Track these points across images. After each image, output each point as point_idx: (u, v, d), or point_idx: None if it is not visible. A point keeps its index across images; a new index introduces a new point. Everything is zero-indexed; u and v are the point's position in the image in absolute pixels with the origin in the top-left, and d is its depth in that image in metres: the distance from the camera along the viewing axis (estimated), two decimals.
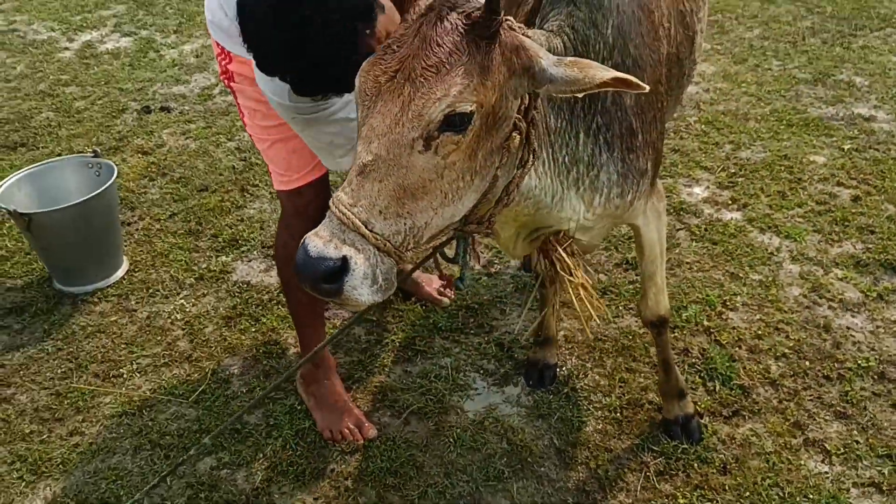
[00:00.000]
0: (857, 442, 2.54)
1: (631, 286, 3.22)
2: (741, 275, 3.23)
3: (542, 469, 2.53)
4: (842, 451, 2.51)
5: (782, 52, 4.93)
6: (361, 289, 1.43)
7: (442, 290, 3.25)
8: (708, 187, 3.78)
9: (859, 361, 2.80)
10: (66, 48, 5.64)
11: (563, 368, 2.88)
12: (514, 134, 1.58)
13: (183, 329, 3.13)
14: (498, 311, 3.17)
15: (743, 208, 3.62)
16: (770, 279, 3.20)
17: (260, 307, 3.22)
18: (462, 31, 1.44)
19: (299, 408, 2.77)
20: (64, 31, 5.90)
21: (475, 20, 1.44)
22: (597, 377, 2.84)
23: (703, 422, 2.62)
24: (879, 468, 2.45)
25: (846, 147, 3.96)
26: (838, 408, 2.65)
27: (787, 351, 2.87)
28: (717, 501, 2.38)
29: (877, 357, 2.82)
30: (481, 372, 2.91)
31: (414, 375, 2.90)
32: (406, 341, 3.06)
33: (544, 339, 2.84)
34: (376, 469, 2.55)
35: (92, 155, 3.38)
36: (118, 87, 5.03)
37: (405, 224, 1.47)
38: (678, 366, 2.80)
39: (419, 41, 1.44)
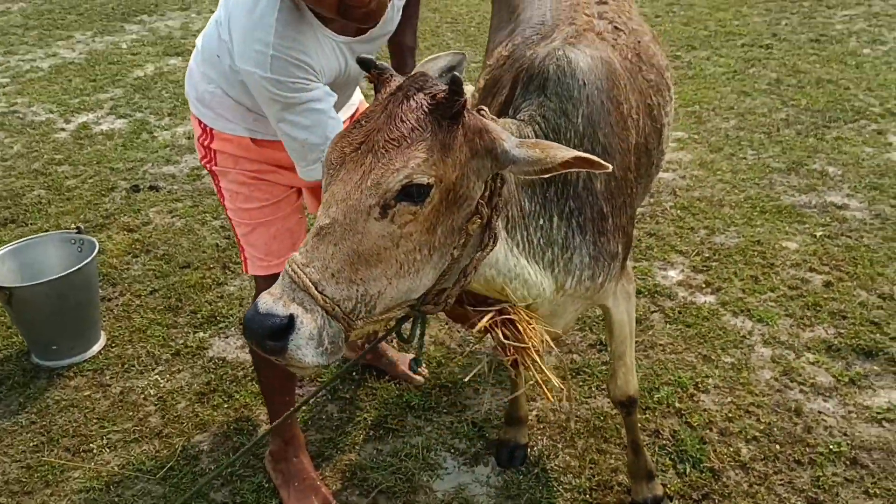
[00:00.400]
0: None
1: (603, 367, 3.24)
2: (713, 357, 3.26)
3: None
4: None
5: (757, 142, 5.07)
6: (306, 349, 1.43)
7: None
8: (682, 271, 3.84)
9: (831, 446, 2.80)
10: (63, 129, 5.79)
11: (535, 448, 2.87)
12: (475, 217, 1.61)
13: (155, 405, 3.13)
14: (471, 391, 3.18)
15: (716, 292, 3.67)
16: (742, 362, 3.22)
17: (234, 383, 3.22)
18: (426, 109, 1.51)
19: (267, 486, 2.74)
20: (62, 113, 6.06)
21: (439, 100, 1.51)
22: (567, 458, 2.83)
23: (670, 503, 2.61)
24: None
25: (818, 234, 4.05)
26: (810, 493, 2.64)
27: (757, 434, 2.87)
28: None
29: (849, 442, 2.82)
30: (452, 451, 2.90)
31: (384, 454, 2.89)
32: (378, 419, 3.05)
33: (515, 418, 2.84)
34: None
35: (75, 231, 3.44)
36: (109, 167, 5.15)
37: (357, 290, 1.48)
38: (649, 447, 2.80)
39: (385, 117, 1.51)
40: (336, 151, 1.53)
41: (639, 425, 2.58)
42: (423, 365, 3.26)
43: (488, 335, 1.91)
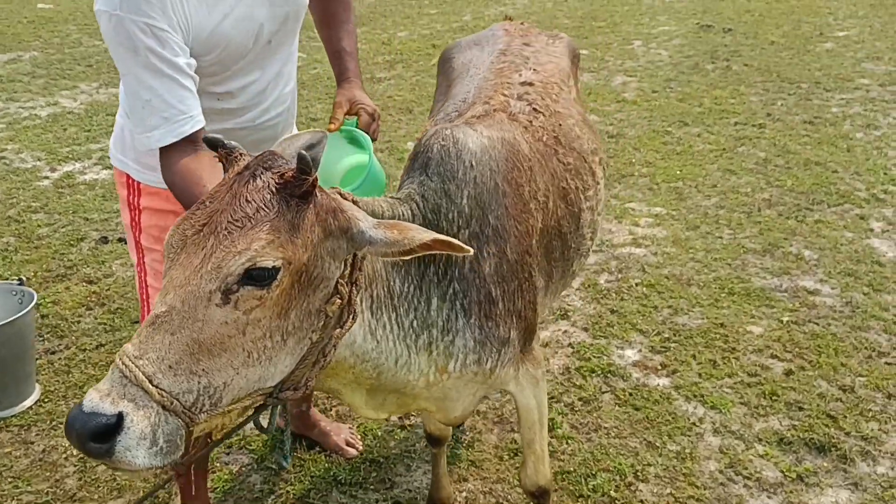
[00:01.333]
0: None
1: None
2: (658, 444, 3.13)
3: None
4: None
5: (735, 221, 4.99)
6: (137, 450, 1.32)
7: (351, 440, 3.16)
8: (640, 350, 3.72)
9: None
10: (46, 177, 5.83)
11: None
12: (334, 298, 1.54)
13: (75, 465, 3.04)
14: (403, 467, 3.06)
15: (671, 375, 3.55)
16: (687, 451, 3.09)
17: None
18: (273, 189, 1.45)
19: None
20: (49, 161, 6.12)
21: (287, 179, 1.45)
22: None
23: None
24: None
25: (785, 319, 3.93)
26: None
27: None
28: None
29: None
30: None
31: None
32: (302, 493, 2.94)
33: (437, 500, 2.72)
34: None
35: (17, 283, 3.41)
36: (84, 216, 5.15)
37: (199, 382, 1.38)
38: None
39: (230, 197, 1.45)
40: (177, 234, 1.46)
41: None
42: (290, 459, 3.05)
43: None
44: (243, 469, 3.03)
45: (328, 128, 2.24)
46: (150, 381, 1.34)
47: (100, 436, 1.30)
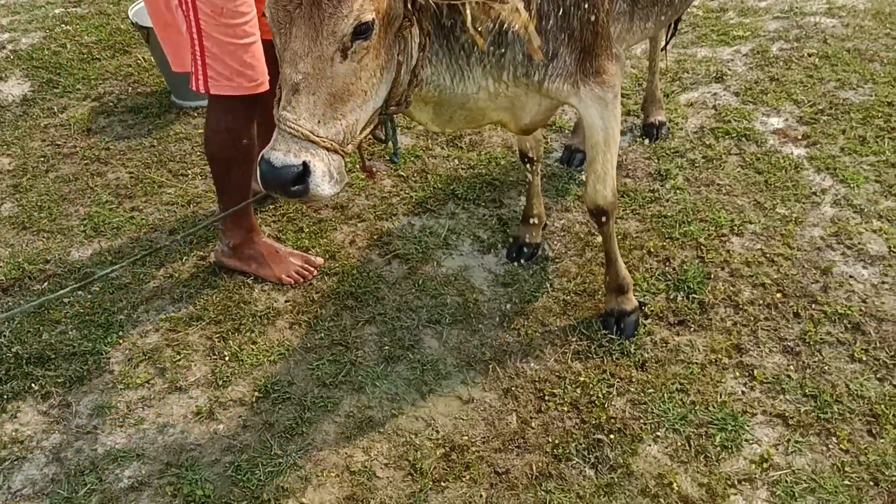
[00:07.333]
0: (790, 377, 2.50)
1: (650, 194, 3.24)
2: (768, 206, 3.13)
3: (480, 325, 2.76)
4: (769, 380, 2.50)
5: None
6: (323, 185, 1.76)
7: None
8: (787, 119, 3.60)
9: (839, 308, 2.69)
10: None
11: (549, 251, 3.03)
12: (405, 22, 1.84)
13: None
14: (515, 192, 3.34)
15: (811, 146, 3.43)
16: (795, 216, 3.07)
17: None
18: None
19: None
20: None
21: None
22: (570, 264, 2.97)
23: (643, 321, 2.69)
24: (798, 405, 2.41)
25: None
26: (789, 343, 2.60)
27: (767, 282, 2.81)
28: (617, 388, 2.49)
29: (863, 309, 2.68)
30: (472, 238, 3.13)
31: (415, 228, 3.19)
32: (423, 199, 3.33)
33: (528, 217, 2.99)
34: (343, 291, 2.91)
35: None
36: None
37: (342, 124, 1.78)
38: (650, 270, 2.88)
39: None
40: (280, 10, 1.73)
41: (615, 238, 2.63)
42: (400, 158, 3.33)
43: None
44: (374, 183, 3.46)
45: None
46: (314, 134, 1.75)
47: (294, 181, 1.74)
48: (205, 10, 2.46)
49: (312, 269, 2.96)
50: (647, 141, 3.52)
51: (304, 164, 1.73)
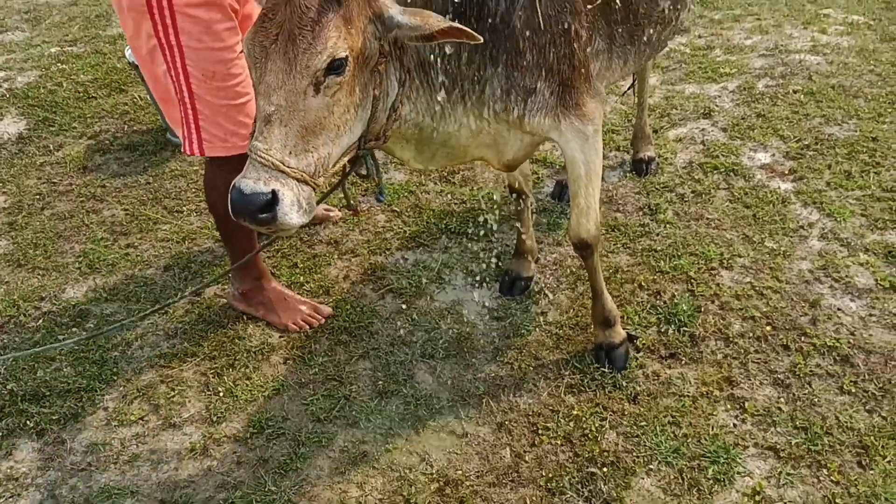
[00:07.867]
0: (780, 409, 2.52)
1: (640, 228, 3.29)
2: (756, 240, 3.18)
3: (473, 359, 2.78)
4: (760, 413, 2.52)
5: None
6: (291, 214, 1.78)
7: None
8: (773, 154, 3.66)
9: (828, 341, 2.72)
10: None
11: (539, 284, 3.06)
12: (380, 59, 1.89)
13: None
14: (507, 226, 3.38)
15: (798, 180, 3.49)
16: (783, 249, 3.12)
17: None
18: None
19: None
20: None
21: None
22: (562, 298, 3.00)
23: (633, 354, 2.72)
24: (789, 437, 2.43)
25: None
26: (780, 376, 2.63)
27: (757, 315, 2.84)
28: (610, 422, 2.51)
29: (851, 341, 2.71)
30: (465, 272, 3.16)
31: (408, 263, 3.22)
32: (416, 233, 3.37)
33: (520, 252, 3.03)
34: (337, 326, 2.93)
35: None
36: None
37: (313, 157, 1.81)
38: (642, 304, 2.91)
39: (290, 8, 1.75)
40: (257, 46, 1.78)
41: (600, 271, 2.66)
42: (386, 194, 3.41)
43: None
44: (361, 208, 3.51)
45: None
46: (284, 164, 1.77)
47: (263, 208, 1.76)
48: (196, 74, 2.47)
49: (320, 317, 2.96)
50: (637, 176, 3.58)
51: (273, 193, 1.74)
